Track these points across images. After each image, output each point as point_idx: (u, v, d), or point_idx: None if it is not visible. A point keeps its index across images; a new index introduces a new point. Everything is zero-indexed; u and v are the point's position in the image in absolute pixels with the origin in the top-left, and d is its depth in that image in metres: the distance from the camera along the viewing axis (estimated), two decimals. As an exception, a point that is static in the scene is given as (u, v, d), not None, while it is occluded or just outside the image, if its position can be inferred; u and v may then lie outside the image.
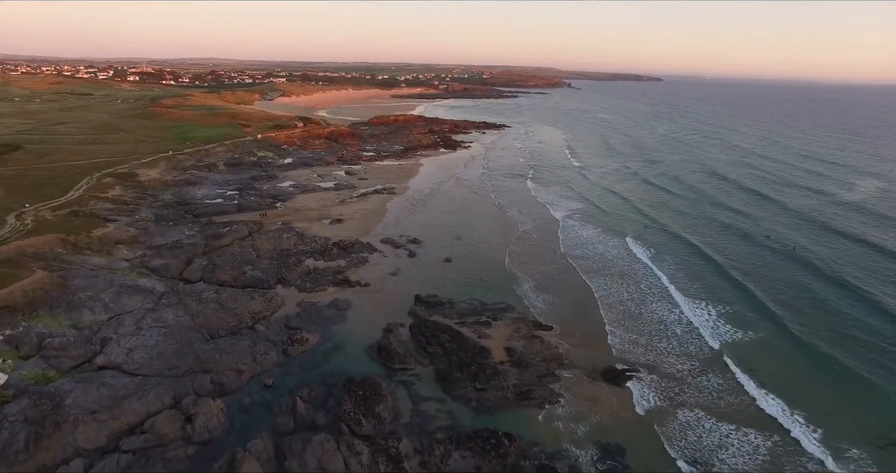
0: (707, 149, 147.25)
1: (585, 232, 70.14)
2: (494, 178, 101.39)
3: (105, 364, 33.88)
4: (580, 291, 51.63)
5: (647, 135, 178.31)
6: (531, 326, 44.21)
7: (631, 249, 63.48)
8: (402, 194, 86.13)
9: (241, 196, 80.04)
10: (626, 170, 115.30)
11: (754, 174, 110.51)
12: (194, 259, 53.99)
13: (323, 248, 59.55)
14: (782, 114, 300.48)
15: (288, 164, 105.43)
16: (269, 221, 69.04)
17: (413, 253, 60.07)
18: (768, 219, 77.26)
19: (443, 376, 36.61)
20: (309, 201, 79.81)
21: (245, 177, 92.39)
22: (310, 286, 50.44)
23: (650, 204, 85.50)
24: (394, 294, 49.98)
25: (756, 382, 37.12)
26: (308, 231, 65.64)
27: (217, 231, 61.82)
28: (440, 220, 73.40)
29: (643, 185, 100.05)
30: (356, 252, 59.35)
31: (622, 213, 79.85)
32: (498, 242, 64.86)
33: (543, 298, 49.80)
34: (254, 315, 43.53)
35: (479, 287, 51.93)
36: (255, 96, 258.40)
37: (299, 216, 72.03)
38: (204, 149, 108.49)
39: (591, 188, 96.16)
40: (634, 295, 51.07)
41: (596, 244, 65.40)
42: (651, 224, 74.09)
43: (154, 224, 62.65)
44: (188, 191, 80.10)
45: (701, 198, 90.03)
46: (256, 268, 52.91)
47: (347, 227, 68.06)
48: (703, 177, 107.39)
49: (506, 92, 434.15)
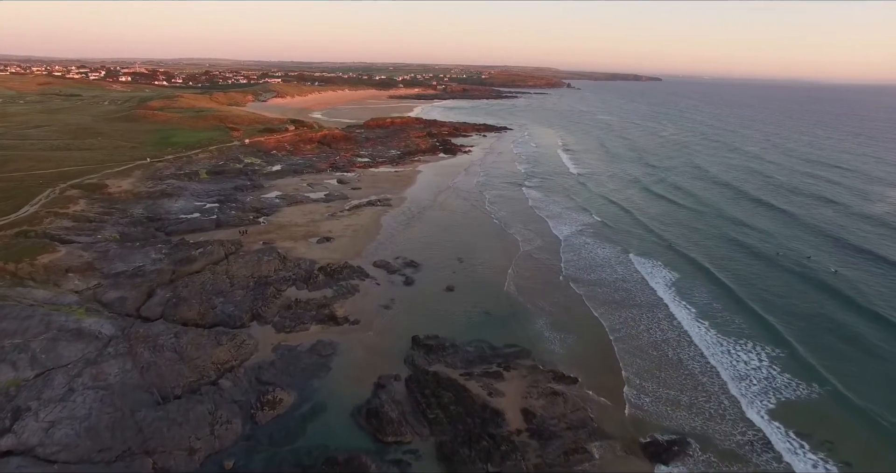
0: (714, 155, 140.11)
1: (590, 252, 62.53)
2: (495, 187, 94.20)
3: (12, 447, 26.58)
4: (595, 331, 44.29)
5: (650, 139, 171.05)
6: (550, 378, 37.10)
7: (642, 275, 55.81)
8: (398, 206, 78.92)
9: (222, 209, 72.72)
10: (629, 177, 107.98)
11: (768, 182, 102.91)
12: (157, 290, 46.73)
13: (307, 274, 52.34)
14: (787, 116, 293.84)
15: (276, 172, 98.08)
16: (249, 240, 61.79)
17: (410, 280, 52.87)
18: (800, 237, 70.23)
19: (446, 453, 29.45)
20: (296, 215, 72.55)
21: (228, 187, 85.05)
22: (289, 324, 43.25)
23: (658, 219, 77.45)
24: (387, 333, 42.83)
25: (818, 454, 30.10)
26: (292, 252, 58.42)
27: (188, 253, 54.52)
28: (439, 238, 66.25)
29: (648, 196, 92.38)
30: (345, 278, 52.15)
31: (627, 229, 72.24)
32: (502, 265, 57.69)
33: (559, 339, 42.66)
34: (219, 365, 36.32)
35: (486, 324, 44.82)
36: (248, 97, 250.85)
37: (284, 233, 64.80)
38: (186, 155, 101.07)
39: (594, 199, 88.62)
40: (656, 335, 43.61)
41: (603, 267, 57.91)
42: (660, 242, 66.76)
43: (118, 245, 55.28)
44: (163, 204, 72.72)
45: (714, 211, 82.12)
46: (229, 301, 45.69)
47: (336, 247, 60.85)
48: (713, 186, 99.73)
49: (505, 92, 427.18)
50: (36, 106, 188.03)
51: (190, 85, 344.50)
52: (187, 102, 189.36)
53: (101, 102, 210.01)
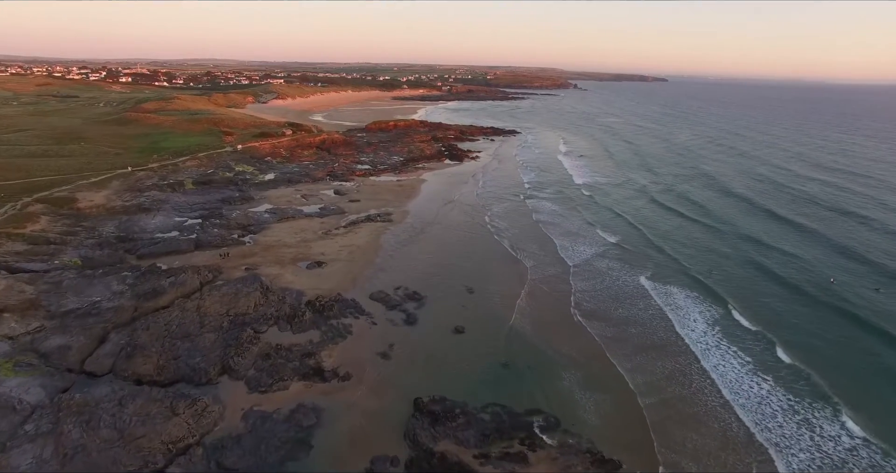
0: (733, 163, 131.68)
1: (605, 283, 53.94)
2: (503, 199, 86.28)
3: None
4: (624, 393, 36.19)
5: (663, 146, 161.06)
6: (588, 461, 29.44)
7: (664, 312, 47.49)
8: (399, 222, 71.36)
9: (204, 227, 65.42)
10: (643, 189, 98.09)
11: (798, 197, 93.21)
12: (111, 334, 39.33)
13: (292, 311, 44.85)
14: (802, 117, 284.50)
15: (268, 182, 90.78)
16: (230, 265, 54.42)
17: (412, 318, 45.28)
18: (854, 264, 62.28)
19: None
20: (286, 233, 65.12)
21: (214, 200, 77.77)
22: (266, 380, 35.76)
23: (678, 241, 68.12)
24: (384, 393, 35.28)
25: None
26: (278, 280, 50.98)
27: (157, 284, 47.14)
28: (445, 261, 58.66)
29: (664, 213, 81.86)
30: (336, 316, 44.65)
31: (644, 252, 63.44)
32: (513, 296, 49.92)
33: (590, 403, 34.78)
34: (170, 445, 28.84)
35: (503, 379, 37.19)
36: (248, 99, 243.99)
37: (270, 256, 57.37)
38: (172, 163, 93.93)
39: (606, 215, 79.57)
40: (697, 404, 35.10)
41: (621, 302, 49.48)
42: (681, 270, 57.97)
43: (76, 274, 47.98)
44: (138, 221, 65.43)
45: (743, 232, 71.83)
46: (196, 349, 38.24)
47: (329, 274, 53.34)
48: (737, 202, 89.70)
49: (511, 93, 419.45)
50: (28, 108, 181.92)
51: (191, 86, 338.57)
52: (183, 104, 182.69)
53: (97, 104, 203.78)
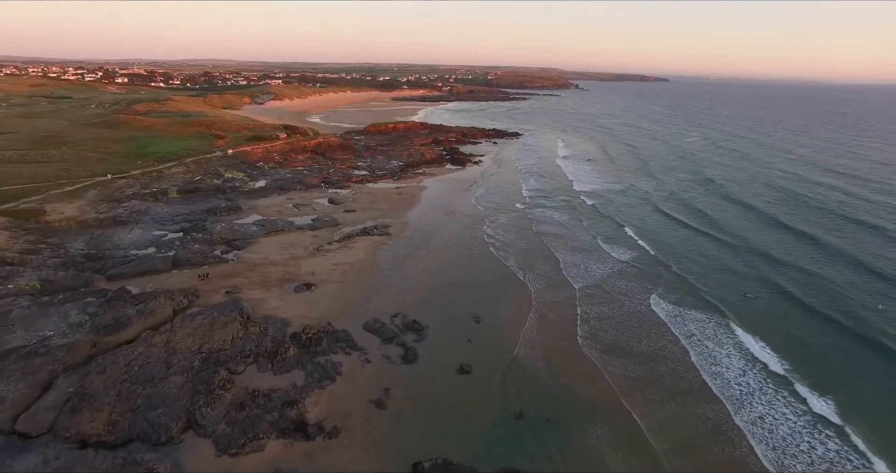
0: (748, 168, 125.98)
1: (616, 311, 47.91)
2: (506, 210, 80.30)
3: None
4: (649, 455, 30.64)
5: (670, 149, 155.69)
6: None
7: (685, 348, 41.56)
8: (398, 236, 65.77)
9: (184, 242, 59.85)
10: (655, 196, 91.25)
11: (826, 209, 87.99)
12: (59, 378, 33.75)
13: (275, 346, 39.27)
14: (810, 118, 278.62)
15: (259, 189, 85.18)
16: (209, 287, 48.89)
17: (411, 354, 39.68)
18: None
19: None
20: (273, 249, 59.54)
21: (199, 210, 72.22)
22: (238, 438, 30.18)
23: (701, 263, 61.10)
24: (377, 453, 29.71)
25: None
26: (261, 306, 45.44)
27: (122, 313, 41.59)
28: (446, 282, 53.02)
29: (681, 230, 73.45)
30: (324, 352, 39.08)
31: (656, 272, 56.97)
32: (522, 329, 44.36)
33: (618, 462, 29.39)
34: (111, 535, 23.29)
35: (518, 435, 31.61)
36: (244, 100, 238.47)
37: (255, 276, 51.80)
38: (157, 169, 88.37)
39: (613, 227, 73.64)
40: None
41: (636, 334, 43.56)
42: (702, 299, 51.20)
43: (30, 301, 42.44)
44: (112, 235, 59.85)
45: (762, 248, 65.03)
46: (158, 396, 32.68)
47: (318, 299, 47.75)
48: (751, 213, 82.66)
49: (513, 94, 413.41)
50: (17, 109, 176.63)
51: (188, 86, 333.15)
52: (176, 106, 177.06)
53: (89, 105, 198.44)
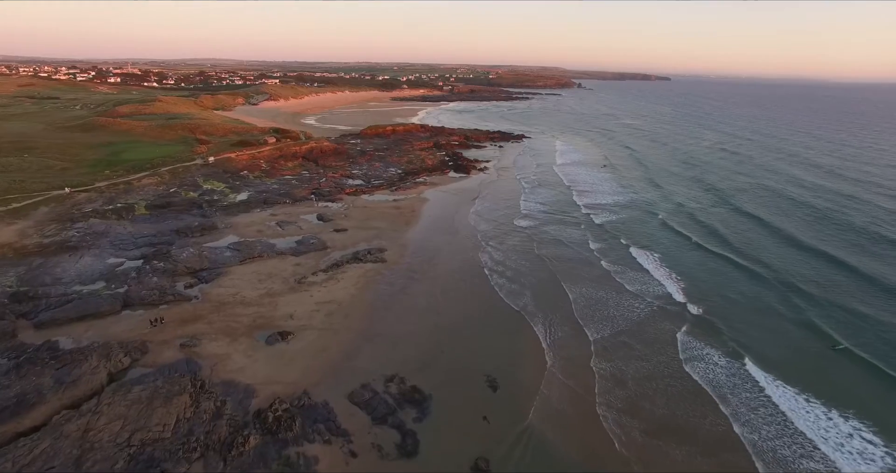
0: (781, 171, 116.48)
1: (641, 372, 39.89)
2: (515, 232, 70.81)
3: None
4: None
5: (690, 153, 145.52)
6: None
7: (731, 425, 32.46)
8: (394, 263, 56.27)
9: (141, 273, 50.36)
10: (672, 219, 78.09)
11: (861, 223, 78.88)
12: (-79, 499, 24.42)
13: (231, 432, 29.85)
14: (821, 116, 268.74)
15: (240, 203, 75.62)
16: (161, 338, 39.52)
17: (410, 442, 30.17)
18: None
19: None
20: (247, 282, 50.09)
21: (168, 229, 62.82)
22: None
23: (735, 302, 50.69)
24: None
25: None
26: (222, 367, 36.05)
27: (35, 382, 32.20)
28: (452, 326, 43.49)
29: (712, 260, 61.40)
30: (296, 440, 29.64)
31: (682, 315, 47.13)
32: (541, 403, 34.97)
33: None
34: None
35: None
36: (237, 100, 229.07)
37: (219, 321, 42.38)
38: (125, 181, 78.83)
39: (624, 252, 64.79)
40: None
41: (670, 406, 34.46)
42: (756, 348, 42.15)
43: (-77, 366, 33.01)
44: (54, 266, 50.38)
45: (796, 281, 55.15)
46: (54, 527, 23.26)
47: (295, 355, 38.30)
48: (784, 236, 71.34)
49: (515, 93, 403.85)
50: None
51: (182, 86, 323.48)
52: (162, 107, 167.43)
53: (73, 107, 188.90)
